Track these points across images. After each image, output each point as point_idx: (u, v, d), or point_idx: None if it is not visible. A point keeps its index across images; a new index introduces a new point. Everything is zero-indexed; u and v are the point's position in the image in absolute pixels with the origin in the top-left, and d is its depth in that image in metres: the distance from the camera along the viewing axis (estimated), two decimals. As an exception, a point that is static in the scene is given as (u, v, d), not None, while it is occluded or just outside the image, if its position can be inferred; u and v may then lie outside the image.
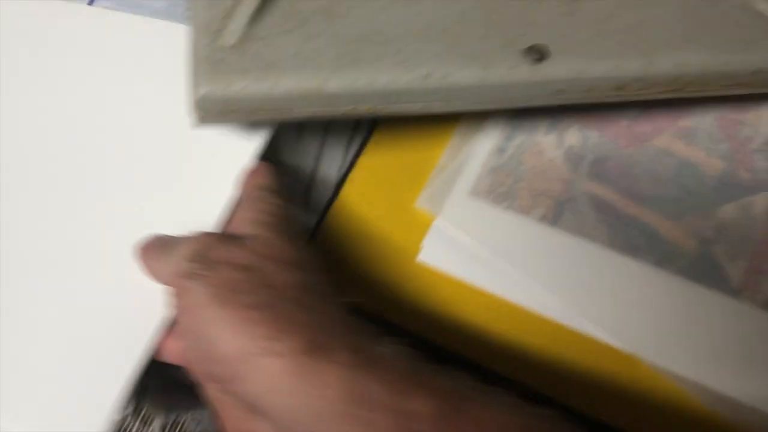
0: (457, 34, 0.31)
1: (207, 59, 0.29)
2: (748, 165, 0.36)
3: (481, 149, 0.37)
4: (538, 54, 0.30)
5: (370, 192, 0.37)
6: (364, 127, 0.39)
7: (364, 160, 0.38)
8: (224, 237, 0.28)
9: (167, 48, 0.36)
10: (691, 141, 0.37)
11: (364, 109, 0.30)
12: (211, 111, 0.29)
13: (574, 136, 0.37)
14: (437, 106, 0.31)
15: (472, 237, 0.35)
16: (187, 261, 0.27)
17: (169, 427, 0.35)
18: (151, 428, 0.34)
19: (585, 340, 0.33)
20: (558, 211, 0.35)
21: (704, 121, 0.37)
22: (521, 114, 0.38)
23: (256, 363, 0.24)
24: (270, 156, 0.34)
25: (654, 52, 0.31)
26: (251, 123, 0.33)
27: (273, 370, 0.23)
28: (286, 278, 0.26)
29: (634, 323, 0.33)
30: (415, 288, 0.34)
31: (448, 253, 0.35)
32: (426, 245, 0.35)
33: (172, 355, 0.29)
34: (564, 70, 0.31)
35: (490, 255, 0.34)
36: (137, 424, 0.33)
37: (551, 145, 0.37)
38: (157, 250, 0.30)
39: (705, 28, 0.32)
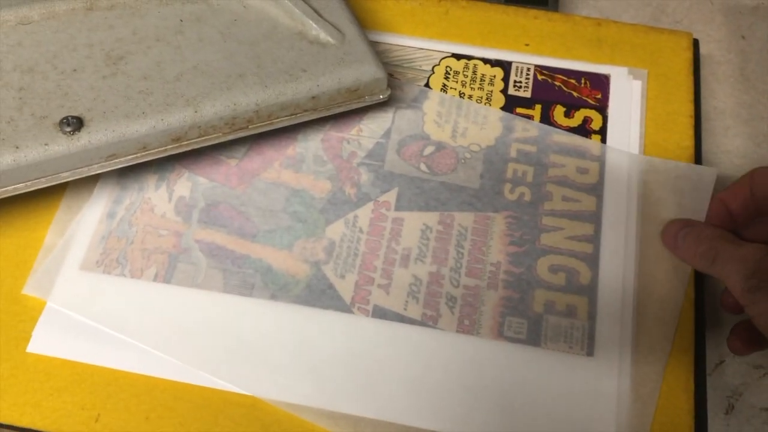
0: (-16, 123, 0.29)
1: None
2: (353, 180, 0.37)
3: (89, 219, 0.36)
4: (72, 125, 0.30)
5: (-25, 289, 0.35)
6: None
7: (-33, 256, 0.35)
8: None
9: None
10: (299, 168, 0.38)
11: None
12: None
13: (184, 185, 0.37)
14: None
15: (84, 314, 0.33)
16: None
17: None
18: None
19: (209, 392, 0.32)
20: (171, 267, 0.35)
21: (311, 146, 0.38)
22: (128, 172, 0.37)
23: None
24: None
25: (199, 100, 0.32)
26: None
27: None
28: None
29: (255, 363, 0.33)
30: (27, 380, 0.32)
31: (60, 337, 0.33)
32: (36, 333, 0.33)
33: None
34: (103, 136, 0.30)
35: (104, 329, 0.33)
36: None
37: (162, 199, 0.37)
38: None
39: (253, 65, 0.33)
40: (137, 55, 0.33)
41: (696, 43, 0.42)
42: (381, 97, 0.36)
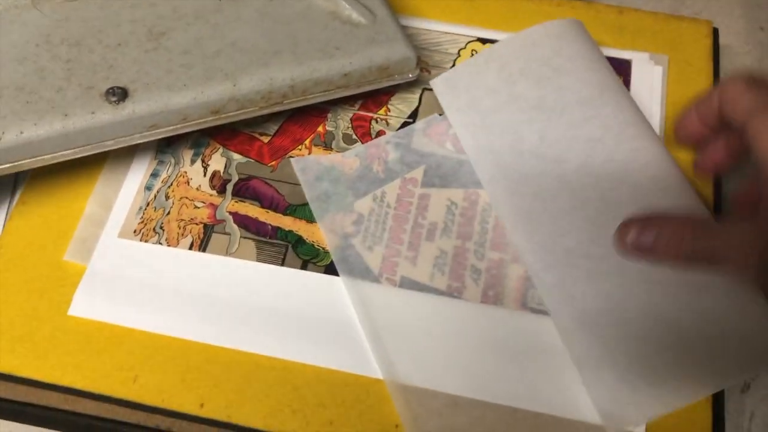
0: (33, 89, 0.31)
1: None
2: (381, 158, 0.39)
3: (128, 191, 0.37)
4: (117, 95, 0.31)
5: (19, 254, 0.36)
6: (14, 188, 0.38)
7: (11, 224, 0.37)
8: None
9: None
10: (328, 146, 0.39)
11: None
12: None
13: (219, 161, 0.38)
14: (28, 163, 0.31)
15: (122, 279, 0.35)
16: None
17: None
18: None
19: (242, 356, 0.33)
20: (206, 237, 0.36)
21: (341, 124, 0.40)
22: (165, 148, 0.38)
23: None
24: None
25: (238, 74, 0.33)
26: None
27: None
28: None
29: (286, 329, 0.34)
30: (68, 342, 0.34)
31: (100, 301, 0.34)
32: (77, 297, 0.35)
33: None
34: (146, 106, 0.31)
35: (141, 294, 0.35)
36: None
37: (198, 173, 0.38)
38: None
39: (289, 43, 0.35)
40: (178, 32, 0.34)
41: (716, 32, 0.43)
42: (410, 75, 0.37)
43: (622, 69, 0.41)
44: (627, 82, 0.41)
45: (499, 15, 0.43)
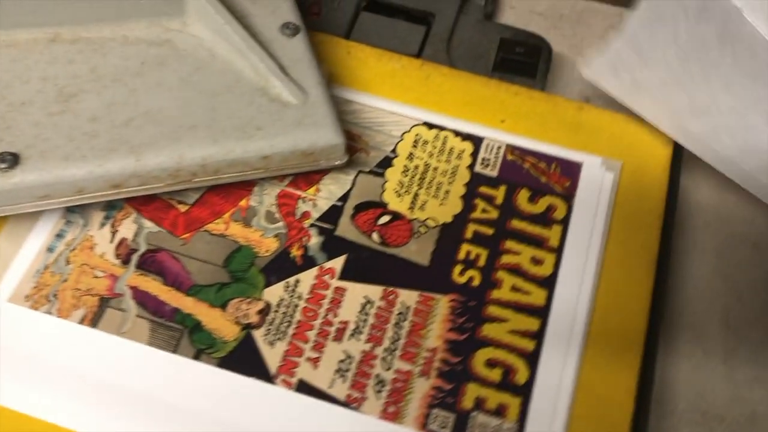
0: None
1: None
2: (301, 242, 0.36)
3: (28, 251, 0.35)
4: (7, 162, 0.29)
5: None
6: None
7: None
8: None
9: None
10: (249, 223, 0.37)
11: None
12: None
13: (129, 227, 0.36)
14: None
15: (4, 351, 0.33)
16: None
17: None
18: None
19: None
20: (100, 311, 0.34)
21: (266, 200, 0.37)
22: (75, 207, 0.36)
23: None
24: None
25: (144, 148, 0.31)
26: None
27: None
28: None
29: (173, 426, 0.32)
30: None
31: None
32: (-49, 364, 0.32)
33: None
34: (37, 176, 0.29)
35: (20, 369, 0.32)
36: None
37: (104, 238, 0.36)
38: None
39: (206, 117, 0.32)
40: (91, 94, 0.32)
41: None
42: (337, 162, 0.35)
43: (571, 171, 0.39)
44: (573, 187, 0.38)
45: (451, 98, 0.41)
